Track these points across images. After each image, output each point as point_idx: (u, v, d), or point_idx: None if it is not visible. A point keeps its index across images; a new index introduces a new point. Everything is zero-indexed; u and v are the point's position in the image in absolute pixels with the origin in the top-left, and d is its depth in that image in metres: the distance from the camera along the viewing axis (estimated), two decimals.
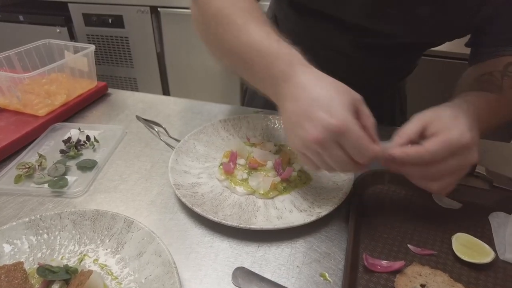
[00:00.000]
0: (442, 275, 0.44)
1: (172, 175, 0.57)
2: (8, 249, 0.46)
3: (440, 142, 0.43)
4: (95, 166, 0.63)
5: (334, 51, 0.72)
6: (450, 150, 0.43)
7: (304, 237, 0.50)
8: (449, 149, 0.43)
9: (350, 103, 0.43)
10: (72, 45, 0.83)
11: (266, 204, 0.54)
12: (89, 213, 0.49)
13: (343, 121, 0.40)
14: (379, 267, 0.45)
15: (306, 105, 0.43)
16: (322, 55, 0.72)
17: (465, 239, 0.48)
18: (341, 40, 0.70)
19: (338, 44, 0.71)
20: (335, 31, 0.68)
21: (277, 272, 0.45)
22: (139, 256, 0.45)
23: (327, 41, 0.72)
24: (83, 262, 0.46)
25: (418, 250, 0.48)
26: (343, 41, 0.70)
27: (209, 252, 0.48)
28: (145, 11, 1.82)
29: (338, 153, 0.42)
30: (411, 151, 0.44)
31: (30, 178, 0.60)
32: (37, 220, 0.48)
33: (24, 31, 2.02)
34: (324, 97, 0.42)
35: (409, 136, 0.46)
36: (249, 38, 0.49)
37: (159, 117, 0.79)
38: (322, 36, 0.72)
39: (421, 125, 0.46)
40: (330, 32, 0.69)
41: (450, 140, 0.43)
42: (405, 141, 0.46)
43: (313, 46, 0.70)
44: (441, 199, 0.57)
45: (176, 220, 0.53)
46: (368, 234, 0.51)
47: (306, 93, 0.43)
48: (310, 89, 0.44)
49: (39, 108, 0.74)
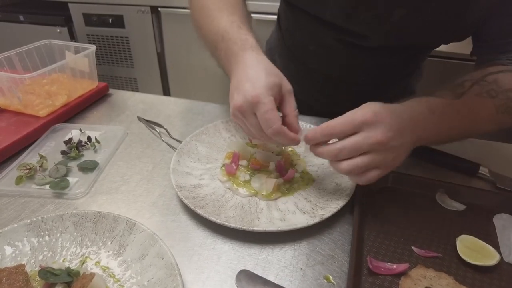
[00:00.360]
0: (447, 278, 0.44)
1: (174, 176, 0.56)
2: (9, 251, 0.46)
3: (342, 118, 0.47)
4: (97, 167, 0.63)
5: (322, 47, 0.75)
6: (352, 124, 0.46)
7: (307, 239, 0.50)
8: (350, 123, 0.46)
9: (274, 85, 0.50)
10: (73, 45, 0.83)
11: (269, 206, 0.54)
12: (90, 215, 0.49)
13: (258, 94, 0.48)
14: (383, 270, 0.45)
15: (239, 80, 0.51)
16: (312, 50, 0.77)
17: (469, 241, 0.48)
18: (326, 37, 0.73)
19: (325, 41, 0.73)
20: (320, 28, 0.72)
21: (281, 274, 0.45)
22: (141, 259, 0.45)
23: (315, 37, 0.75)
24: (85, 264, 0.45)
25: (422, 252, 0.48)
26: (328, 38, 0.72)
27: (212, 254, 0.47)
28: (146, 11, 1.82)
29: (254, 121, 0.50)
30: (318, 128, 0.48)
31: (31, 179, 0.60)
32: (38, 222, 0.48)
33: (24, 31, 2.01)
34: (253, 75, 0.50)
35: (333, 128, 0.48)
36: (218, 26, 0.59)
37: (160, 118, 0.78)
38: (310, 32, 0.76)
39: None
40: (316, 29, 0.73)
41: (352, 116, 0.47)
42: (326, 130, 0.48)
43: (304, 41, 0.78)
44: (445, 201, 0.57)
45: (178, 222, 0.52)
46: (371, 236, 0.50)
47: (244, 71, 0.51)
48: (247, 68, 0.51)
49: (40, 108, 0.74)
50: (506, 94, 0.55)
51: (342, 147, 0.47)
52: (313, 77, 0.83)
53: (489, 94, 0.54)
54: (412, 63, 0.81)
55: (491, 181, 0.61)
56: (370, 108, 0.47)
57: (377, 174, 0.48)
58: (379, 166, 0.48)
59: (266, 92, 0.48)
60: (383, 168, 0.48)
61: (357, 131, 0.46)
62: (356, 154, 0.47)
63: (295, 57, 0.85)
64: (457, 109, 0.53)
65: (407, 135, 0.48)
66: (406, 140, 0.48)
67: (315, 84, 0.85)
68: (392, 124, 0.46)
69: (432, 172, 0.63)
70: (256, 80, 0.49)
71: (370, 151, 0.46)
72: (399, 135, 0.47)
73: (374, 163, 0.47)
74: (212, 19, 0.61)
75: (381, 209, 0.55)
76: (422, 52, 0.78)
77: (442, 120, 0.52)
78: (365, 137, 0.46)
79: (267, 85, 0.49)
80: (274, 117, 0.48)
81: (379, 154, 0.47)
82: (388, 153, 0.47)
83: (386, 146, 0.46)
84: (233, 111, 0.52)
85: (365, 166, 0.47)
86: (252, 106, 0.49)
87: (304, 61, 0.83)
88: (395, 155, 0.48)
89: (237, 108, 0.50)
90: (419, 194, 0.58)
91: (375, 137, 0.45)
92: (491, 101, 0.54)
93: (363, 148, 0.46)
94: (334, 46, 0.73)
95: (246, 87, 0.49)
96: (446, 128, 0.53)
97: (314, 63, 0.81)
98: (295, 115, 0.53)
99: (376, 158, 0.47)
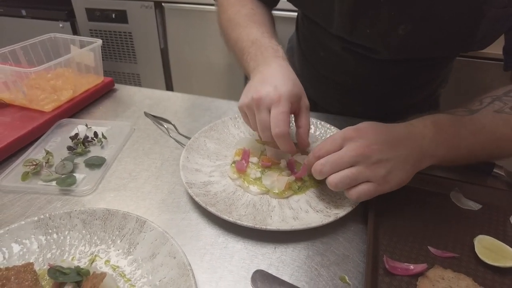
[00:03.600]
0: (466, 279, 0.43)
1: (184, 173, 0.55)
2: (17, 249, 0.44)
3: (327, 138, 0.50)
4: (104, 163, 0.62)
5: (332, 55, 0.76)
6: (334, 142, 0.48)
7: (320, 239, 0.49)
8: (333, 141, 0.49)
9: (296, 95, 0.53)
10: (78, 40, 0.81)
11: (281, 204, 0.53)
12: (99, 212, 0.48)
13: (282, 95, 0.51)
14: (400, 270, 0.44)
15: (267, 77, 0.54)
16: (322, 56, 0.79)
17: (488, 242, 0.47)
18: (335, 46, 0.73)
19: (334, 50, 0.74)
20: (328, 37, 0.73)
21: (295, 274, 0.44)
22: (152, 258, 0.43)
23: (325, 45, 0.76)
24: (95, 263, 0.44)
25: (439, 252, 0.46)
26: (337, 47, 0.73)
27: (224, 253, 0.46)
28: (149, 6, 1.80)
29: (265, 116, 0.51)
30: (311, 153, 0.51)
31: (37, 175, 0.59)
32: (46, 219, 0.47)
33: (27, 26, 2.00)
34: (281, 79, 0.53)
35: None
36: (249, 34, 0.64)
37: (166, 114, 0.77)
38: (320, 40, 0.77)
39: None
40: (325, 38, 0.74)
41: (335, 134, 0.50)
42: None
43: (315, 47, 0.80)
44: (460, 199, 0.55)
45: (188, 220, 0.51)
46: (386, 235, 0.49)
47: (273, 73, 0.55)
48: (277, 73, 0.55)
49: (45, 103, 0.73)
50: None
51: (325, 161, 0.48)
52: (325, 83, 0.83)
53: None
54: (430, 72, 0.78)
55: (506, 181, 0.60)
56: (355, 126, 0.49)
57: (370, 188, 0.46)
58: (370, 180, 0.47)
59: (288, 97, 0.51)
60: (376, 182, 0.46)
61: (341, 147, 0.48)
62: (341, 168, 0.47)
63: (308, 61, 0.85)
64: (468, 125, 0.50)
65: (400, 150, 0.47)
66: (398, 154, 0.47)
67: (327, 89, 0.84)
68: (377, 138, 0.47)
69: (446, 171, 0.62)
70: (283, 84, 0.52)
71: (355, 164, 0.46)
72: (387, 149, 0.46)
73: (362, 175, 0.46)
74: (244, 27, 0.66)
75: (395, 208, 0.54)
76: (436, 63, 0.75)
77: (450, 137, 0.49)
78: (346, 149, 0.47)
79: (291, 91, 0.52)
80: (286, 120, 0.50)
81: (366, 167, 0.46)
82: (377, 167, 0.46)
83: (371, 159, 0.46)
84: (249, 101, 0.53)
85: (353, 178, 0.46)
86: (271, 103, 0.51)
87: (316, 67, 0.83)
88: (388, 170, 0.46)
89: (257, 99, 0.51)
90: (434, 193, 0.57)
91: (356, 149, 0.46)
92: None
93: (345, 160, 0.46)
94: (343, 55, 0.73)
95: (272, 85, 0.52)
96: (457, 147, 0.50)
97: (324, 70, 0.81)
98: (307, 130, 0.56)
99: (363, 171, 0.46)
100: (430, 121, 0.50)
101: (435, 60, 0.74)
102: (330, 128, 0.68)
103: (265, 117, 0.51)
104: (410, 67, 0.73)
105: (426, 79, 0.80)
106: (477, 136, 0.50)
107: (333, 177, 0.47)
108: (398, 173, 0.47)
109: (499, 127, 0.50)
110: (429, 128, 0.49)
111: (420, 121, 0.51)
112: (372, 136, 0.47)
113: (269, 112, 0.51)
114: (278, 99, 0.50)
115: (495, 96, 0.54)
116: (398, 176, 0.47)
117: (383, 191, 0.48)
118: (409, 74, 0.75)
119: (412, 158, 0.48)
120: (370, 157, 0.46)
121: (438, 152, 0.49)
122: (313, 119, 0.71)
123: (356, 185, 0.47)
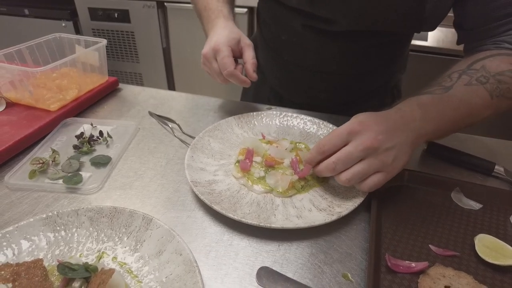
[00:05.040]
0: (467, 277, 0.43)
1: (189, 172, 0.56)
2: (26, 246, 0.45)
3: (330, 133, 0.51)
4: (109, 162, 0.62)
5: (293, 36, 0.78)
6: (340, 137, 0.49)
7: (324, 237, 0.50)
8: (338, 136, 0.49)
9: (233, 39, 0.67)
10: (83, 40, 0.82)
11: (285, 203, 0.54)
12: (106, 210, 0.49)
13: (219, 44, 0.65)
14: (402, 268, 0.45)
15: (210, 37, 0.69)
16: (284, 39, 0.80)
17: (488, 241, 0.48)
18: (296, 25, 0.75)
19: (295, 29, 0.76)
20: (289, 16, 0.75)
21: (299, 272, 0.44)
22: (158, 255, 0.44)
23: (286, 26, 0.78)
24: (102, 260, 0.45)
25: (441, 251, 0.47)
26: (297, 26, 0.75)
27: (229, 251, 0.47)
28: (152, 5, 1.81)
29: (215, 65, 0.66)
30: (313, 149, 0.52)
31: (44, 173, 0.60)
32: (54, 216, 0.48)
33: (29, 25, 2.01)
34: (219, 33, 0.68)
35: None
36: (204, 1, 0.77)
37: (171, 113, 0.78)
38: (281, 21, 0.79)
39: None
40: (286, 17, 0.77)
41: (339, 129, 0.50)
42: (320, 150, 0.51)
43: (277, 31, 0.82)
44: (461, 199, 0.56)
45: (193, 218, 0.52)
46: (388, 234, 0.50)
47: (213, 31, 0.69)
48: (216, 29, 0.69)
49: (51, 102, 0.73)
50: (496, 78, 0.55)
51: (337, 159, 0.49)
52: (289, 69, 0.84)
53: (480, 81, 0.55)
54: (387, 53, 0.80)
55: (507, 180, 0.60)
56: (356, 119, 0.50)
57: (381, 177, 0.49)
58: (380, 170, 0.49)
59: (225, 44, 0.65)
60: (386, 171, 0.49)
61: (347, 142, 0.49)
62: (352, 163, 0.49)
63: (271, 48, 0.86)
64: (450, 101, 0.54)
65: (400, 136, 0.50)
66: (400, 140, 0.49)
67: (292, 76, 0.85)
68: (380, 128, 0.49)
69: (447, 171, 0.63)
70: (220, 35, 0.66)
71: (364, 157, 0.48)
72: (390, 137, 0.49)
73: (373, 167, 0.48)
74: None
75: (397, 207, 0.55)
76: (394, 41, 0.77)
77: (436, 115, 0.53)
78: (355, 145, 0.48)
79: (226, 38, 0.66)
80: (229, 62, 0.64)
81: (375, 158, 0.48)
82: (385, 156, 0.48)
83: (379, 150, 0.48)
84: (202, 59, 0.68)
85: (364, 172, 0.49)
86: (214, 53, 0.65)
87: (279, 53, 0.84)
88: (394, 157, 0.49)
89: (204, 55, 0.67)
90: (435, 192, 0.57)
91: (365, 143, 0.47)
92: (483, 87, 0.55)
93: (356, 156, 0.48)
94: (304, 34, 0.75)
95: (211, 40, 0.66)
96: (443, 122, 0.54)
97: (287, 54, 0.82)
98: (251, 63, 0.67)
99: (373, 163, 0.48)
100: (415, 103, 0.53)
101: (390, 38, 0.75)
102: (333, 128, 0.69)
103: (215, 65, 0.66)
104: (367, 44, 0.74)
105: (385, 61, 0.81)
106: (457, 110, 0.54)
107: (345, 174, 0.49)
108: (402, 157, 0.50)
109: (472, 99, 0.55)
110: (416, 110, 0.52)
111: (407, 105, 0.53)
112: (376, 127, 0.49)
113: (216, 61, 0.65)
114: (217, 48, 0.64)
115: (461, 70, 0.57)
116: (402, 160, 0.50)
117: (391, 177, 0.50)
118: (368, 53, 0.76)
119: (410, 140, 0.51)
120: (378, 148, 0.48)
121: (428, 131, 0.53)
122: (315, 119, 0.71)
123: (367, 177, 0.49)
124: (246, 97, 1.01)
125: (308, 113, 0.74)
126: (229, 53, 0.64)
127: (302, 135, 0.70)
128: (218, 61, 0.65)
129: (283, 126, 0.72)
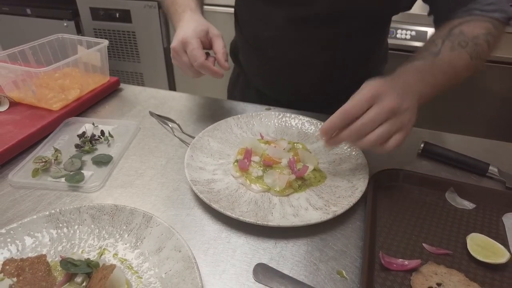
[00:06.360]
0: (458, 275, 0.45)
1: (189, 171, 0.57)
2: (29, 242, 0.47)
3: (352, 100, 0.51)
4: (111, 161, 0.64)
5: (274, 30, 0.79)
6: (365, 101, 0.50)
7: (320, 235, 0.51)
8: (363, 100, 0.50)
9: (201, 30, 0.66)
10: (85, 40, 0.83)
11: (282, 202, 0.55)
12: (107, 208, 0.50)
13: (187, 37, 0.64)
14: (395, 266, 0.46)
15: (178, 31, 0.67)
16: (267, 36, 0.80)
17: (480, 240, 0.49)
18: (276, 17, 0.76)
19: (275, 22, 0.77)
20: (268, 8, 0.77)
21: (295, 268, 0.46)
22: (158, 251, 0.46)
23: (267, 20, 0.79)
24: (103, 256, 0.46)
25: (434, 249, 0.48)
26: (278, 18, 0.76)
27: (227, 248, 0.48)
28: (153, 6, 1.82)
29: (185, 58, 0.65)
30: (334, 117, 0.52)
31: (47, 172, 0.61)
32: (56, 214, 0.49)
33: (31, 25, 2.02)
34: (186, 26, 0.66)
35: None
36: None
37: (171, 113, 0.79)
38: (261, 17, 0.80)
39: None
40: (266, 12, 0.78)
41: (362, 94, 0.51)
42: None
43: (258, 28, 0.82)
44: (455, 199, 0.57)
45: (192, 216, 0.53)
46: (383, 232, 0.51)
47: (181, 25, 0.68)
48: (183, 22, 0.68)
49: (54, 102, 0.75)
50: (473, 41, 0.61)
51: (364, 123, 0.50)
52: (273, 66, 0.84)
53: (460, 45, 0.61)
54: (368, 42, 0.82)
55: (501, 181, 0.61)
56: (373, 83, 0.52)
57: (401, 137, 0.52)
58: (400, 129, 0.52)
59: (194, 36, 0.64)
60: (404, 129, 0.52)
61: (371, 105, 0.50)
62: (376, 126, 0.51)
63: (253, 48, 0.86)
64: (440, 65, 0.59)
65: (411, 98, 0.53)
66: (411, 102, 0.53)
67: (276, 73, 0.85)
68: (396, 91, 0.51)
69: (442, 171, 0.64)
70: (187, 28, 0.65)
71: (387, 118, 0.50)
72: (405, 98, 0.52)
73: (395, 127, 0.51)
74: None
75: (392, 207, 0.56)
76: (373, 25, 0.79)
77: (431, 78, 0.58)
78: (381, 107, 0.50)
79: (194, 30, 0.65)
80: (199, 53, 0.63)
81: (396, 119, 0.51)
82: (403, 116, 0.51)
83: (399, 110, 0.51)
84: (172, 54, 0.67)
85: (388, 133, 0.51)
86: (183, 46, 0.64)
87: (263, 51, 0.84)
88: (409, 116, 0.52)
89: (173, 48, 0.66)
90: (429, 192, 0.59)
91: (389, 104, 0.50)
92: (464, 50, 0.60)
93: (382, 117, 0.50)
94: (286, 27, 0.76)
95: (180, 33, 0.65)
96: (436, 85, 0.58)
97: (270, 50, 0.83)
98: (222, 53, 0.67)
99: (395, 123, 0.51)
100: (412, 69, 0.58)
101: (369, 22, 0.76)
102: None
103: (185, 58, 0.65)
104: (348, 30, 0.75)
105: (366, 49, 0.83)
106: (446, 74, 0.60)
107: (370, 136, 0.51)
108: (413, 117, 0.53)
109: (456, 62, 0.60)
110: (416, 74, 0.57)
111: (406, 70, 0.58)
112: (391, 90, 0.51)
113: (186, 53, 0.64)
114: (186, 41, 0.63)
115: (443, 36, 0.63)
116: (414, 118, 0.53)
117: (408, 135, 0.53)
118: (349, 41, 0.78)
119: (416, 100, 0.54)
120: (398, 109, 0.50)
121: (426, 93, 0.57)
122: (313, 120, 0.73)
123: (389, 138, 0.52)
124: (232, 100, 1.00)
125: (306, 114, 0.76)
126: (198, 45, 0.64)
127: (300, 136, 0.71)
128: (188, 54, 0.64)
129: (281, 127, 0.73)
